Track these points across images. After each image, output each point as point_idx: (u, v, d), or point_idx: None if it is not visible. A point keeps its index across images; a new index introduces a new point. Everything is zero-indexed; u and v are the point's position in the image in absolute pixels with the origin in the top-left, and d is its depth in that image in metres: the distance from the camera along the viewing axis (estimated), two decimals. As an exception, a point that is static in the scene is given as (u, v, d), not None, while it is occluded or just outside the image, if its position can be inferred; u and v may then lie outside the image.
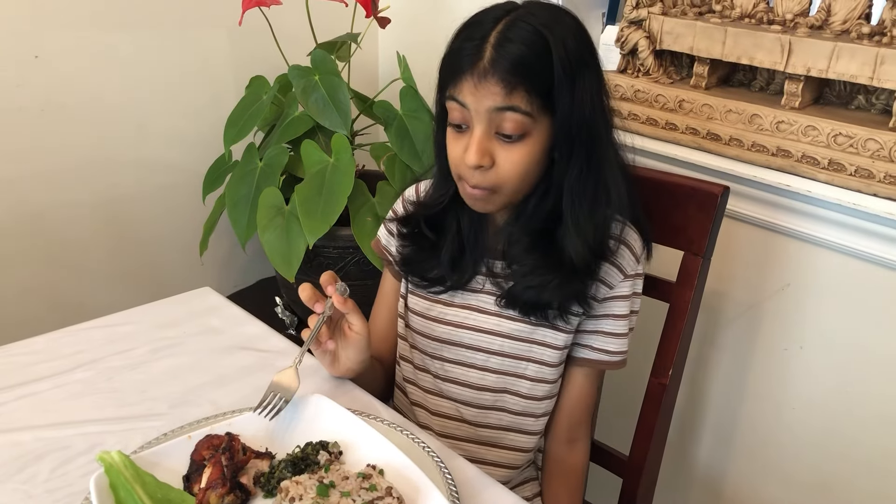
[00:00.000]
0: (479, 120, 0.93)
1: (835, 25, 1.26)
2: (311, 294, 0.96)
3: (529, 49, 0.90)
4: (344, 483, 0.77)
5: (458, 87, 0.93)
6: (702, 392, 1.55)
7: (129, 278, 1.74)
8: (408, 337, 1.16)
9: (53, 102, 1.53)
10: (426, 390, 1.14)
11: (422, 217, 1.09)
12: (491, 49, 0.90)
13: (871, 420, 1.32)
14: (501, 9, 0.94)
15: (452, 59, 0.94)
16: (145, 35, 1.62)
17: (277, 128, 1.54)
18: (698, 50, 1.40)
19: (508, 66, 0.89)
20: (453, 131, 0.97)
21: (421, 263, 1.09)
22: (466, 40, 0.93)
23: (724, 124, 1.36)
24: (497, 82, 0.89)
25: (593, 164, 0.97)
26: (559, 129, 0.94)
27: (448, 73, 0.95)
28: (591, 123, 0.95)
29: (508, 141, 0.93)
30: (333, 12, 1.57)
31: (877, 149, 1.19)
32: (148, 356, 1.07)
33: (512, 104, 0.90)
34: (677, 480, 1.64)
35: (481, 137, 0.93)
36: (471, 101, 0.92)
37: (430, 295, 1.11)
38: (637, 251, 1.04)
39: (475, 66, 0.90)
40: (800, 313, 1.37)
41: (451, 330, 1.09)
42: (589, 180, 0.97)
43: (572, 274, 0.98)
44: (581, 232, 0.98)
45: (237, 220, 1.49)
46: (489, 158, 0.93)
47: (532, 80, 0.90)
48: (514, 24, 0.91)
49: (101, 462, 0.76)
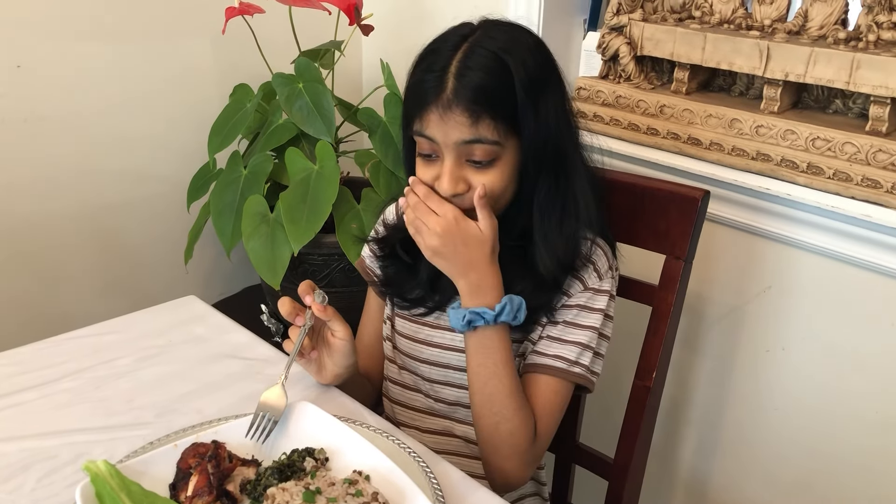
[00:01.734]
0: (448, 152, 0.94)
1: (812, 31, 1.28)
2: (290, 308, 0.96)
3: (490, 76, 0.91)
4: (330, 489, 0.78)
5: (424, 121, 0.94)
6: (685, 394, 1.56)
7: (114, 287, 1.73)
8: (396, 359, 1.16)
9: (36, 113, 1.53)
10: (417, 410, 1.15)
11: (397, 241, 1.09)
12: (452, 80, 0.91)
13: (852, 419, 1.33)
14: (458, 34, 0.95)
15: (415, 91, 0.95)
16: (129, 44, 1.62)
17: (261, 136, 1.54)
18: (678, 56, 1.42)
19: (471, 95, 0.90)
20: (423, 160, 0.98)
21: (401, 285, 1.10)
22: (427, 72, 0.94)
23: (704, 129, 1.38)
24: (462, 112, 0.91)
25: (562, 179, 0.99)
26: (527, 148, 0.96)
27: (412, 107, 0.96)
28: (556, 139, 0.98)
29: (479, 166, 0.95)
30: (317, 20, 1.58)
31: (854, 152, 1.21)
32: (134, 365, 1.07)
33: (479, 136, 0.92)
34: (662, 482, 1.65)
35: (452, 167, 0.95)
36: (438, 135, 0.93)
37: (416, 318, 1.11)
38: (601, 268, 1.04)
39: (438, 99, 0.91)
40: (781, 315, 1.38)
41: (440, 352, 1.10)
42: (558, 195, 0.99)
43: (540, 287, 1.00)
44: (550, 246, 0.99)
45: (222, 229, 1.49)
46: (463, 185, 0.95)
47: (495, 108, 0.91)
48: (473, 51, 0.92)
49: (87, 471, 0.76)
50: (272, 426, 0.89)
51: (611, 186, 1.14)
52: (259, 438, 0.88)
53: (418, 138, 0.96)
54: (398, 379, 1.17)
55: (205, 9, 1.67)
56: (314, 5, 1.48)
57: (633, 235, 1.17)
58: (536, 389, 1.03)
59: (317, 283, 1.00)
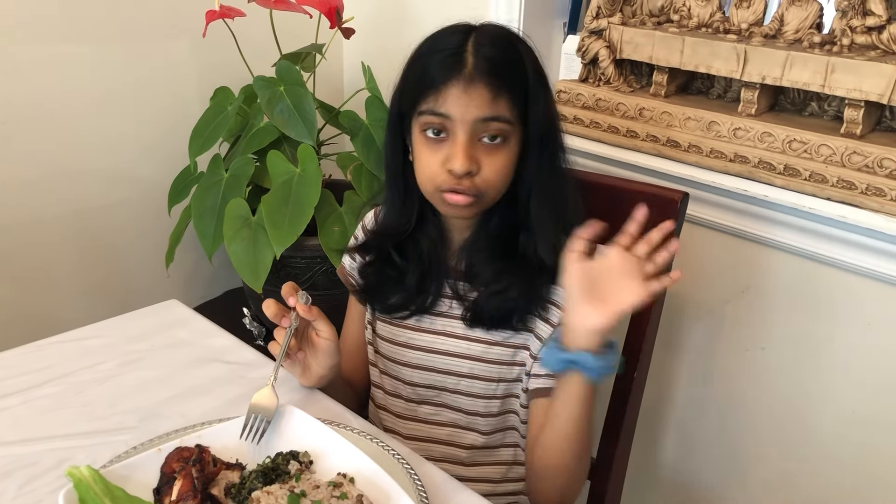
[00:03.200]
0: (463, 129, 0.93)
1: (787, 35, 1.30)
2: (276, 310, 0.96)
3: (507, 53, 0.94)
4: (315, 492, 0.78)
5: (441, 97, 0.92)
6: (666, 394, 1.58)
7: (96, 291, 1.72)
8: (378, 363, 1.16)
9: (15, 114, 1.51)
10: (397, 415, 1.15)
11: (390, 245, 1.08)
12: (471, 56, 0.92)
13: (830, 418, 1.35)
14: (460, 29, 0.96)
15: (425, 71, 0.95)
16: (109, 47, 1.61)
17: (243, 139, 1.54)
18: (657, 59, 1.43)
19: (492, 69, 0.92)
20: (429, 143, 0.96)
21: (382, 290, 1.10)
22: (438, 52, 0.94)
23: (683, 131, 1.40)
24: (484, 86, 0.91)
25: (556, 170, 1.02)
26: (532, 135, 0.97)
27: (421, 87, 0.95)
28: (553, 130, 1.00)
29: (490, 147, 0.95)
30: (298, 23, 1.58)
31: (829, 154, 1.23)
32: (116, 370, 1.07)
33: (497, 114, 0.93)
34: (644, 481, 1.66)
35: (467, 144, 0.94)
36: (456, 112, 0.92)
37: (396, 321, 1.11)
38: None
39: (460, 74, 0.92)
40: (760, 315, 1.40)
41: (421, 355, 1.10)
42: (553, 185, 1.01)
43: (535, 274, 1.00)
44: (546, 234, 1.00)
45: (203, 232, 1.49)
46: (476, 164, 0.94)
47: (512, 85, 0.93)
48: (484, 32, 0.95)
49: (70, 477, 0.75)
50: (265, 426, 0.89)
51: (591, 188, 1.15)
52: (253, 439, 0.88)
53: (429, 118, 0.94)
54: (379, 383, 1.17)
55: (185, 12, 1.67)
56: (295, 9, 1.48)
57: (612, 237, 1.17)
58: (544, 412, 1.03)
59: (299, 286, 1.00)
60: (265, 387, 0.92)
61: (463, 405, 1.10)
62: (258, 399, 0.91)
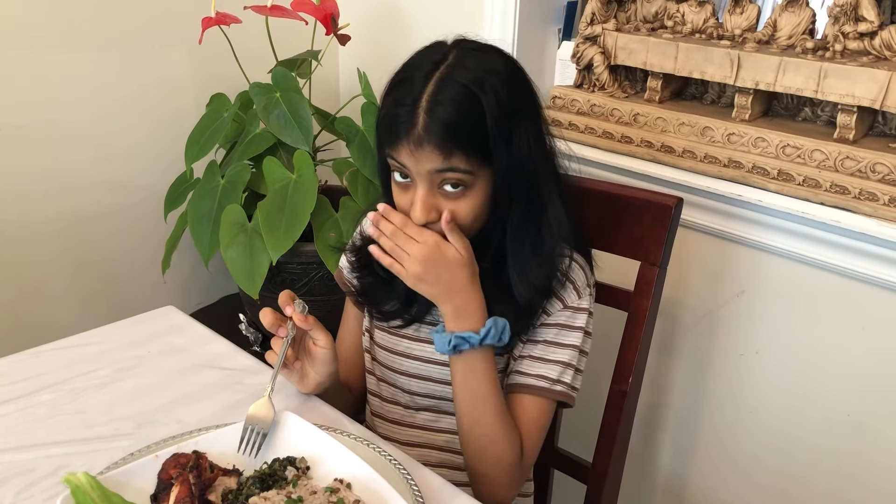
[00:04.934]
0: (421, 180, 0.93)
1: (781, 41, 1.31)
2: (273, 319, 0.96)
3: (461, 111, 0.90)
4: (312, 498, 0.78)
5: (396, 150, 0.93)
6: (662, 398, 1.58)
7: (91, 298, 1.72)
8: (375, 371, 1.16)
9: (9, 123, 1.52)
10: (395, 422, 1.15)
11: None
12: (423, 115, 0.90)
13: (824, 421, 1.36)
14: (430, 61, 0.93)
15: (386, 122, 0.94)
16: (105, 54, 1.61)
17: (239, 145, 1.54)
18: (651, 65, 1.44)
19: (442, 131, 0.90)
20: (398, 184, 0.97)
21: (378, 296, 1.10)
22: (398, 105, 0.92)
23: (677, 137, 1.40)
24: (433, 149, 0.90)
25: (535, 204, 0.99)
26: (499, 177, 0.95)
27: (384, 135, 0.95)
28: (530, 169, 0.97)
29: (452, 195, 0.94)
30: (293, 30, 1.59)
31: (822, 159, 1.23)
32: (113, 376, 1.07)
33: (451, 166, 0.91)
34: (640, 486, 1.67)
35: (425, 196, 0.94)
36: (410, 165, 0.93)
37: (394, 330, 1.11)
38: (580, 286, 1.04)
39: (410, 134, 0.91)
40: (754, 319, 1.40)
41: (420, 365, 1.10)
42: (531, 222, 0.99)
43: (518, 311, 1.00)
44: (524, 273, 0.99)
45: (199, 238, 1.49)
46: (435, 213, 0.95)
47: (467, 142, 0.91)
48: (444, 83, 0.91)
49: (67, 484, 0.75)
50: (262, 440, 0.89)
51: (586, 194, 1.16)
52: (250, 453, 0.88)
53: (392, 161, 0.95)
54: (376, 391, 1.17)
55: (181, 18, 1.67)
56: (291, 15, 1.49)
57: (608, 242, 1.18)
58: (521, 409, 1.04)
59: (296, 291, 1.00)
60: (262, 398, 0.92)
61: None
62: (255, 410, 0.91)
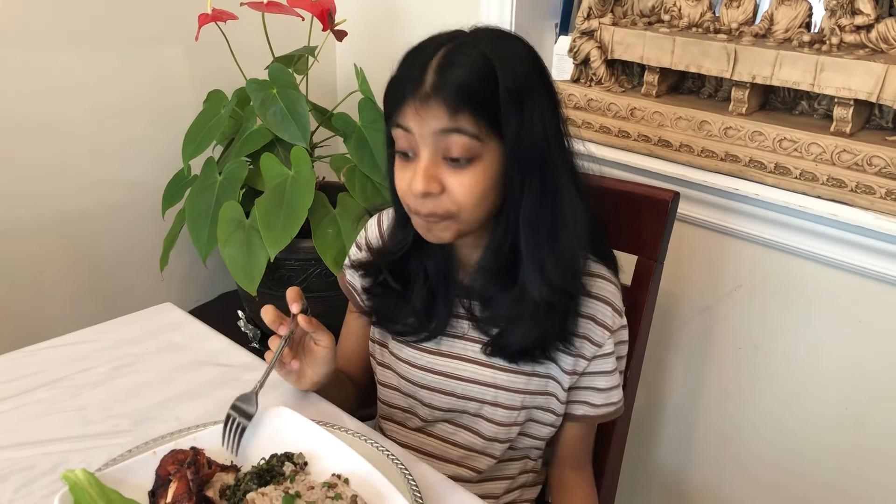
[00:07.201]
0: (424, 145, 0.89)
1: (777, 34, 1.31)
2: (274, 317, 0.96)
3: (473, 73, 0.86)
4: (310, 493, 0.78)
5: (402, 112, 0.89)
6: (660, 393, 1.58)
7: (90, 296, 1.72)
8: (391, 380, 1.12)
9: (6, 121, 1.51)
10: (411, 429, 1.12)
11: (385, 267, 1.05)
12: (432, 74, 0.87)
13: (823, 415, 1.36)
14: (446, 36, 0.91)
15: (394, 86, 0.91)
16: (101, 51, 1.61)
17: (236, 141, 1.54)
18: (648, 59, 1.44)
19: (451, 90, 0.86)
20: (400, 161, 0.93)
21: (392, 313, 1.06)
22: (408, 67, 0.90)
23: (674, 131, 1.40)
24: (440, 106, 0.86)
25: (548, 191, 0.92)
26: (509, 153, 0.90)
27: (391, 101, 0.92)
28: (542, 149, 0.91)
29: (457, 165, 0.89)
30: (290, 26, 1.58)
31: (819, 152, 1.23)
32: (110, 373, 1.07)
33: (457, 126, 0.86)
34: (638, 481, 1.67)
35: (427, 163, 0.89)
36: (414, 126, 0.88)
37: (412, 343, 1.07)
38: (618, 305, 1.01)
39: (417, 91, 0.87)
40: (752, 313, 1.41)
41: (442, 380, 1.06)
42: (545, 209, 0.93)
43: (544, 315, 0.94)
44: (540, 268, 0.93)
45: (197, 235, 1.49)
46: (437, 184, 0.89)
47: (477, 104, 0.86)
48: (458, 49, 0.88)
49: (65, 480, 0.75)
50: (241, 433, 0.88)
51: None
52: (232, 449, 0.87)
53: (395, 132, 0.91)
54: (388, 400, 1.13)
55: (178, 15, 1.67)
56: (287, 11, 1.49)
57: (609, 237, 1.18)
58: (588, 435, 1.11)
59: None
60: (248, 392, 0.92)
61: (483, 430, 1.06)
62: (237, 402, 0.91)
